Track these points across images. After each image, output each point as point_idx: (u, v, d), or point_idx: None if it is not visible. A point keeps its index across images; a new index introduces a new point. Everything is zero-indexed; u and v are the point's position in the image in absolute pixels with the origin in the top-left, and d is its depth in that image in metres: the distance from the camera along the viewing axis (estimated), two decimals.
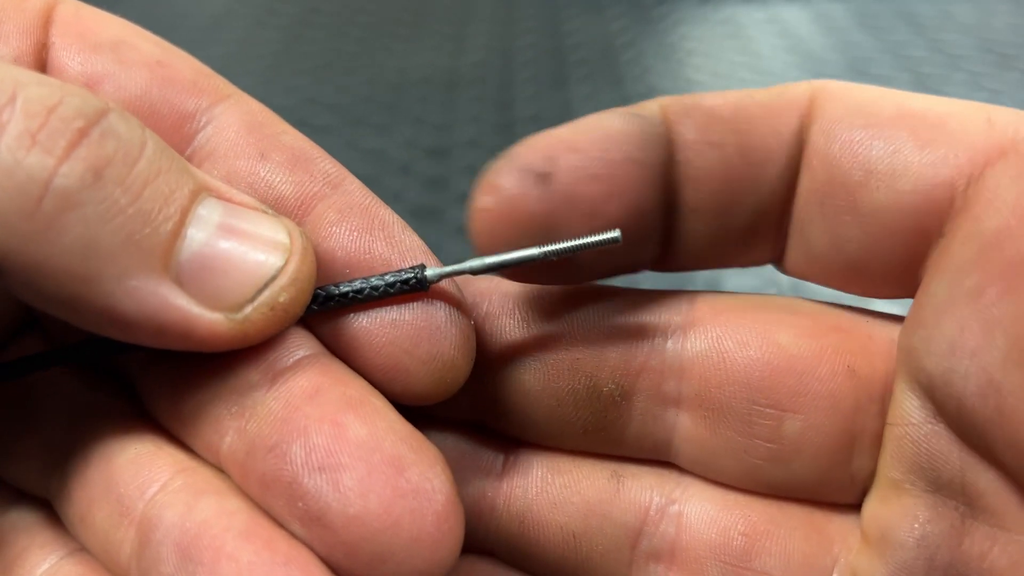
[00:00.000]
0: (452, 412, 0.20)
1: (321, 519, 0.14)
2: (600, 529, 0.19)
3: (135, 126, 0.15)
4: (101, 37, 0.19)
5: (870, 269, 0.17)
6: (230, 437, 0.16)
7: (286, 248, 0.16)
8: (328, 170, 0.18)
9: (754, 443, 0.18)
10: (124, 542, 0.16)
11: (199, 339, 0.15)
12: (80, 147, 0.14)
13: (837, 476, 0.18)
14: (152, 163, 0.15)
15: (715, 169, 0.17)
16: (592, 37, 0.80)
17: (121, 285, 0.14)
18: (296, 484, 0.15)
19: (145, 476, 0.16)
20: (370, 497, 0.14)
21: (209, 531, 0.15)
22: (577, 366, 0.19)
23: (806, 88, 0.18)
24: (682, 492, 0.19)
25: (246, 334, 0.16)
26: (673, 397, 0.19)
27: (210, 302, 0.15)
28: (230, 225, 0.16)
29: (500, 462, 0.20)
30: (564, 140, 0.17)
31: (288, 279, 0.16)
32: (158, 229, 0.15)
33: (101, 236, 0.14)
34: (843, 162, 0.17)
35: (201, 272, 0.15)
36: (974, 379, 0.15)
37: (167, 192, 0.15)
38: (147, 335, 0.15)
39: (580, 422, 0.19)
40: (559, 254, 0.17)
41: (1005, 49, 0.73)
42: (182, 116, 0.19)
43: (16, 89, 0.14)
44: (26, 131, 0.14)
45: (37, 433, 0.18)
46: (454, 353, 0.17)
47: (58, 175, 0.14)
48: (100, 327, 0.15)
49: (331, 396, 0.16)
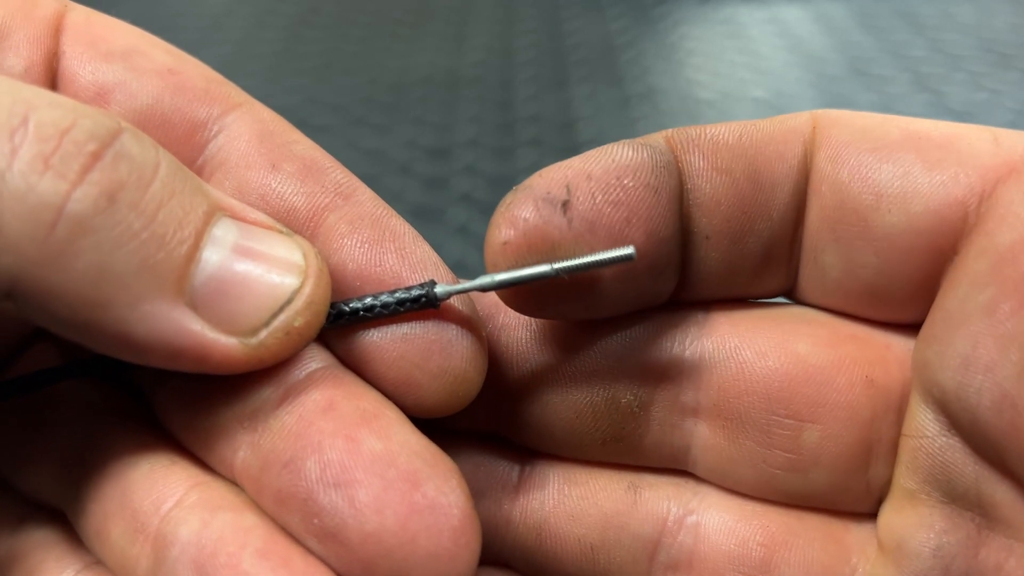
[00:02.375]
0: (468, 424, 0.20)
1: (337, 536, 0.14)
2: (618, 541, 0.19)
3: (148, 146, 0.15)
4: (112, 45, 0.19)
5: (887, 293, 0.17)
6: (243, 451, 0.16)
7: (301, 269, 0.16)
8: (340, 180, 0.18)
9: (773, 453, 0.18)
10: (140, 558, 0.16)
11: (213, 363, 0.15)
12: (94, 171, 0.14)
13: (854, 485, 0.18)
14: (166, 185, 0.15)
15: (726, 195, 0.17)
16: (592, 37, 0.80)
17: (135, 311, 0.14)
18: (311, 500, 0.15)
19: (160, 491, 0.16)
20: (386, 513, 0.14)
21: (225, 548, 0.15)
22: (596, 378, 0.19)
23: (807, 117, 0.18)
24: (699, 502, 0.19)
25: (261, 358, 0.16)
26: (691, 407, 0.19)
27: (225, 326, 0.15)
28: (245, 246, 0.16)
29: (516, 474, 0.20)
30: (578, 169, 0.17)
31: (303, 303, 0.16)
32: (172, 253, 0.15)
33: (115, 262, 0.14)
34: (853, 187, 0.17)
35: (216, 296, 0.15)
36: (988, 394, 0.15)
37: (181, 214, 0.15)
38: (161, 359, 0.15)
39: (599, 433, 0.19)
40: (571, 271, 0.16)
41: (1005, 49, 0.73)
42: (194, 125, 0.18)
43: (28, 111, 0.14)
44: (39, 155, 0.14)
45: (52, 445, 0.18)
46: (465, 367, 0.17)
47: (71, 200, 0.14)
48: (114, 351, 0.15)
49: (345, 410, 0.15)
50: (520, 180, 0.17)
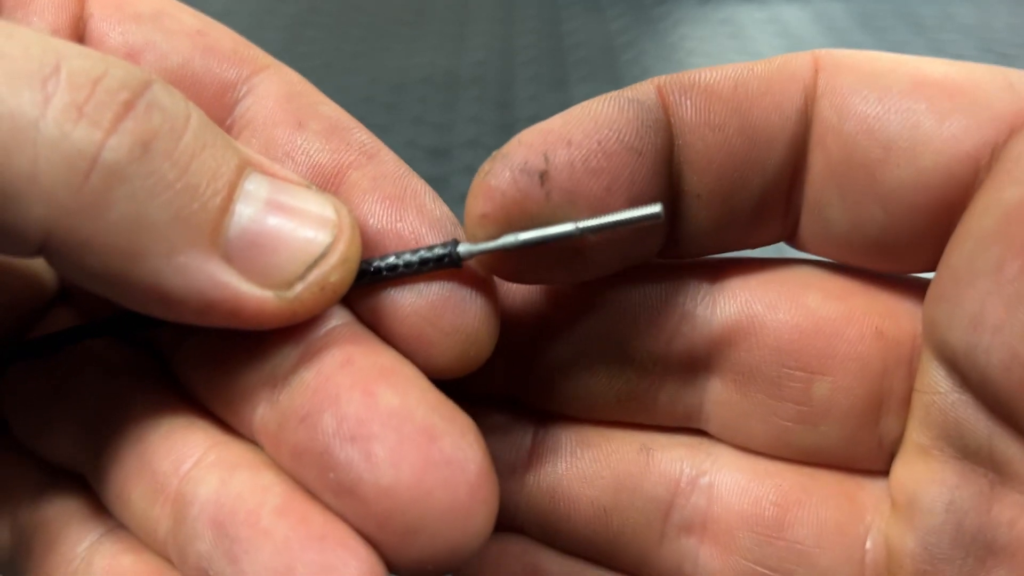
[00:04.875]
0: (482, 386, 0.20)
1: (353, 490, 0.14)
2: (631, 503, 0.19)
3: (179, 99, 0.15)
4: (140, 8, 0.19)
5: (894, 247, 0.17)
6: (262, 409, 0.16)
7: (334, 224, 0.16)
8: (364, 140, 0.18)
9: (783, 405, 0.18)
10: (161, 519, 0.16)
11: (246, 317, 0.15)
12: (127, 119, 0.14)
13: (866, 439, 0.18)
14: (197, 136, 0.15)
15: (718, 153, 0.17)
16: (592, 37, 0.80)
17: (169, 262, 0.14)
18: (327, 454, 0.14)
19: (179, 452, 0.16)
20: (402, 467, 0.14)
21: (244, 506, 0.15)
22: (609, 335, 0.19)
23: (809, 59, 0.17)
24: (712, 463, 0.19)
25: (294, 312, 0.15)
26: (704, 362, 0.19)
27: (260, 279, 0.15)
28: (278, 201, 0.15)
29: (529, 437, 0.20)
30: (557, 133, 0.16)
31: (339, 258, 0.15)
32: (207, 204, 0.14)
33: (149, 211, 0.14)
34: (859, 140, 0.16)
35: (250, 249, 0.15)
36: (997, 354, 0.14)
37: (214, 166, 0.15)
38: (194, 313, 0.15)
39: (613, 391, 0.19)
40: (597, 230, 0.16)
41: (1005, 49, 0.73)
42: (223, 86, 0.18)
43: (59, 60, 0.14)
44: (72, 103, 0.13)
45: (73, 409, 0.18)
46: (478, 326, 0.17)
47: (106, 148, 0.13)
48: (146, 305, 0.15)
49: (362, 365, 0.15)
50: None
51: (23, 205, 0.13)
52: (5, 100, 0.13)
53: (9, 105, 0.13)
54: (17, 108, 0.13)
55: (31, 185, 0.13)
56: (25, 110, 0.13)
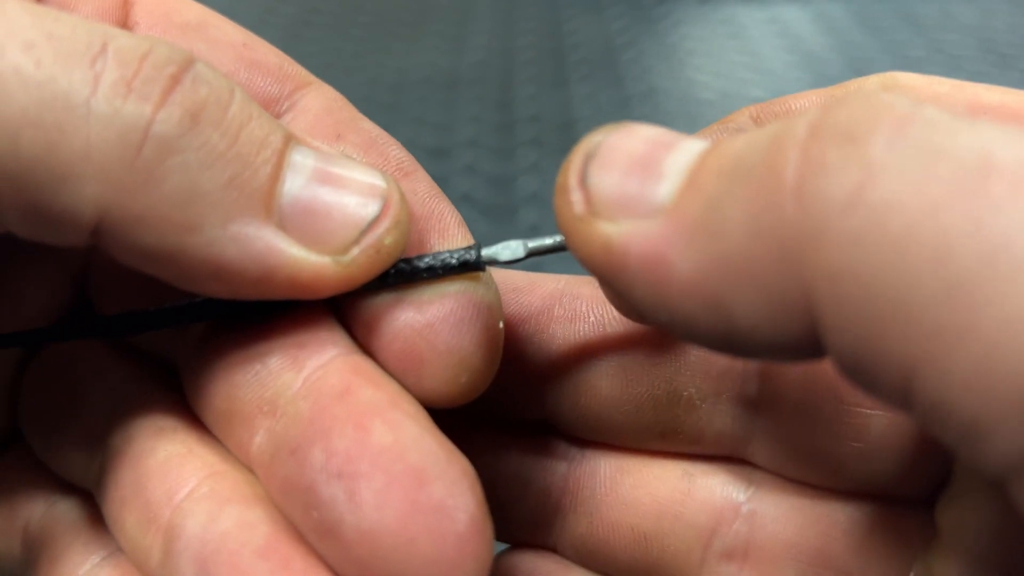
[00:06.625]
0: (523, 413, 0.19)
1: (333, 531, 0.14)
2: (672, 530, 0.19)
3: (221, 74, 0.15)
4: (186, 17, 0.19)
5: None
6: (260, 437, 0.15)
7: (384, 191, 0.16)
8: (402, 158, 0.18)
9: (841, 443, 0.18)
10: (152, 549, 0.15)
11: (304, 284, 0.15)
12: (175, 92, 0.14)
13: (916, 473, 0.18)
14: (243, 108, 0.15)
15: None
16: (592, 37, 0.80)
17: (225, 231, 0.14)
18: (311, 491, 0.14)
19: (174, 480, 0.16)
20: (386, 510, 0.13)
21: (227, 546, 0.14)
22: (656, 371, 0.18)
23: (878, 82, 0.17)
24: (756, 490, 0.19)
25: (352, 276, 0.15)
26: (754, 399, 0.18)
27: (316, 245, 0.15)
28: (326, 170, 0.16)
29: (566, 462, 0.20)
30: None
31: (392, 221, 0.16)
32: (258, 172, 0.15)
33: (202, 181, 0.14)
34: None
35: (304, 215, 0.15)
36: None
37: (262, 135, 0.15)
38: (251, 284, 0.15)
39: (658, 426, 0.19)
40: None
41: (1005, 49, 0.73)
42: (266, 100, 0.19)
43: (106, 40, 0.14)
44: (121, 79, 0.14)
45: (81, 423, 0.18)
46: (474, 351, 0.16)
47: (156, 121, 0.14)
48: (202, 280, 0.15)
49: (360, 397, 0.15)
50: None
51: (78, 185, 0.13)
52: (57, 79, 0.13)
53: (61, 84, 0.13)
54: (69, 87, 0.13)
55: (85, 163, 0.13)
56: (77, 88, 0.13)
